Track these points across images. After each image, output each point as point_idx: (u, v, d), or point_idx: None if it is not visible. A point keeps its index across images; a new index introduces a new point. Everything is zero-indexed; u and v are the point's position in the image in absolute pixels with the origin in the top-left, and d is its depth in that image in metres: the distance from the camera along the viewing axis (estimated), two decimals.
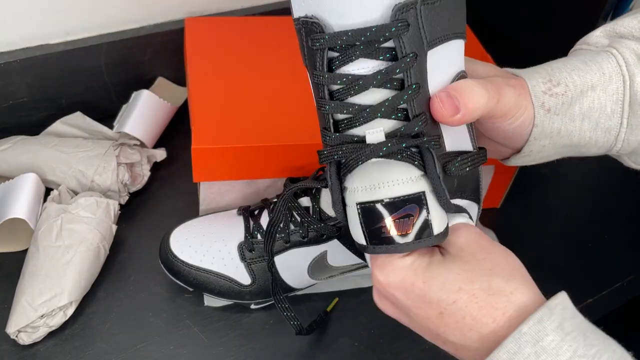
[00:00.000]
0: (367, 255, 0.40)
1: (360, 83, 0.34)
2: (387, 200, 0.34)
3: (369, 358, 0.54)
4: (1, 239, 0.59)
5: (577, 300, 0.36)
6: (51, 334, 0.52)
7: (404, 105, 0.35)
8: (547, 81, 0.40)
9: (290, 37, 0.69)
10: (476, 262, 0.35)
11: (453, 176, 0.38)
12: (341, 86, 0.35)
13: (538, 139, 0.42)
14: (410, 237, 0.35)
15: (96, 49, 0.68)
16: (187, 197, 0.65)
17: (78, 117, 0.70)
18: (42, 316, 0.51)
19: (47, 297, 0.51)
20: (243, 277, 0.54)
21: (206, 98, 0.59)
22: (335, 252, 0.54)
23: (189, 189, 0.66)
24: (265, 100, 0.60)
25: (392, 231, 0.35)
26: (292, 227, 0.54)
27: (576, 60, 0.42)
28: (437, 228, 0.35)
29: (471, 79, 0.37)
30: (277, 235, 0.54)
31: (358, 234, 0.36)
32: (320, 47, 0.34)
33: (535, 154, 0.43)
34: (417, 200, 0.34)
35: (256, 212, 0.56)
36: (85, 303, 0.55)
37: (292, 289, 0.56)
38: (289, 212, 0.54)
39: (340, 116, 0.36)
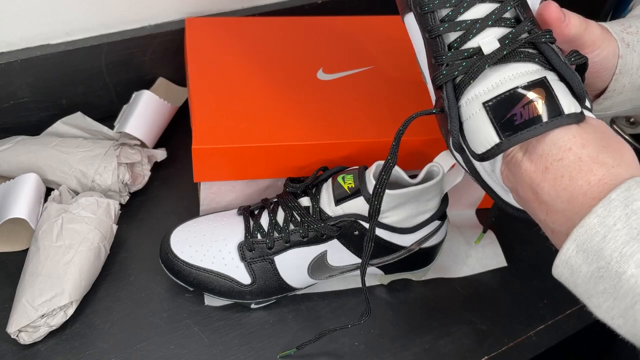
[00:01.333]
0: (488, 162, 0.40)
1: (468, 0, 0.38)
2: (512, 89, 0.36)
3: (369, 358, 0.54)
4: (2, 239, 0.59)
5: (577, 300, 0.36)
6: (52, 334, 0.53)
7: (509, 14, 0.38)
8: (620, 24, 0.46)
9: (290, 37, 0.69)
10: (594, 136, 0.36)
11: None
12: (450, 8, 0.39)
13: (622, 74, 0.45)
14: (543, 118, 0.36)
15: (97, 49, 0.68)
16: (187, 197, 0.66)
17: (79, 117, 0.70)
18: (42, 316, 0.51)
19: (48, 297, 0.51)
20: (243, 276, 0.54)
21: (206, 98, 0.59)
22: (335, 252, 0.54)
23: (189, 189, 0.66)
24: (265, 100, 0.60)
25: (524, 116, 0.36)
26: (292, 227, 0.54)
27: None
28: (568, 108, 0.36)
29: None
30: (277, 235, 0.54)
31: (488, 135, 0.37)
32: None
33: (616, 96, 0.46)
34: (540, 84, 0.36)
35: (256, 212, 0.56)
36: (86, 303, 0.55)
37: (292, 289, 0.56)
38: (289, 212, 0.54)
39: (452, 36, 0.40)
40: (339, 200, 0.52)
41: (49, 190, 0.61)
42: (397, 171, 0.53)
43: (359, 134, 0.58)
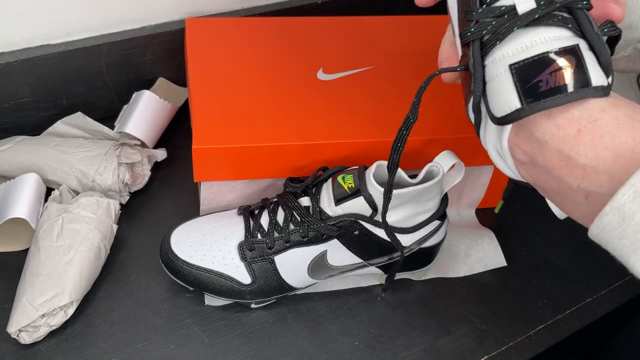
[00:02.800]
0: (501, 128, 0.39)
1: None
2: (541, 54, 0.35)
3: (369, 358, 0.54)
4: (2, 239, 0.59)
5: (577, 300, 0.36)
6: (52, 334, 0.53)
7: None
8: None
9: (290, 37, 0.69)
10: (624, 101, 0.35)
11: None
12: None
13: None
14: (569, 88, 0.34)
15: (97, 50, 0.68)
16: (187, 197, 0.66)
17: (79, 117, 0.70)
18: (43, 315, 0.51)
19: (48, 297, 0.51)
20: (243, 276, 0.54)
21: (206, 98, 0.59)
22: (335, 252, 0.54)
23: (189, 189, 0.66)
24: (265, 100, 0.60)
25: (550, 83, 0.35)
26: (292, 227, 0.54)
27: None
28: (596, 80, 0.35)
29: None
30: (277, 234, 0.54)
31: (509, 99, 0.36)
32: None
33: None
34: (571, 52, 0.35)
35: (256, 212, 0.56)
36: (86, 302, 0.56)
37: (292, 289, 0.56)
38: (289, 212, 0.54)
39: None
40: (339, 200, 0.52)
41: (49, 190, 0.61)
42: (397, 171, 0.53)
43: (359, 134, 0.58)
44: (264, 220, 0.55)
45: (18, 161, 0.62)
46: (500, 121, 0.37)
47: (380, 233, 0.54)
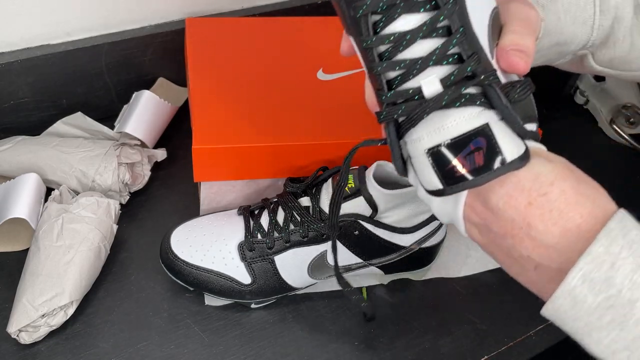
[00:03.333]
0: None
1: (408, 38, 0.35)
2: (453, 139, 0.35)
3: (369, 358, 0.54)
4: (2, 239, 0.59)
5: None
6: (52, 334, 0.53)
7: (453, 50, 0.35)
8: None
9: (290, 37, 0.69)
10: (569, 171, 0.36)
11: (516, 105, 0.37)
12: (389, 45, 0.36)
13: (543, 37, 0.45)
14: (485, 169, 0.35)
15: (97, 50, 0.68)
16: (187, 197, 0.66)
17: (79, 117, 0.70)
18: (43, 315, 0.51)
19: (48, 297, 0.51)
20: (243, 276, 0.54)
21: (206, 98, 0.59)
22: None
23: (189, 189, 0.66)
24: (265, 100, 0.60)
25: (465, 167, 0.35)
26: (292, 227, 0.54)
27: None
28: (511, 155, 0.35)
29: (514, 26, 0.39)
30: (277, 234, 0.54)
31: (432, 181, 0.36)
32: (363, 13, 0.35)
33: (536, 54, 0.45)
34: (482, 133, 0.35)
35: (256, 212, 0.56)
36: (86, 303, 0.55)
37: (292, 289, 0.56)
38: (289, 212, 0.54)
39: (392, 74, 0.37)
40: None
41: (49, 190, 0.61)
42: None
43: (358, 134, 0.58)
44: (264, 220, 0.55)
45: (18, 161, 0.62)
46: (431, 194, 0.37)
47: (381, 233, 0.54)
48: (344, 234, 0.53)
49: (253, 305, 0.57)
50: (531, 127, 0.40)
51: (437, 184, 0.36)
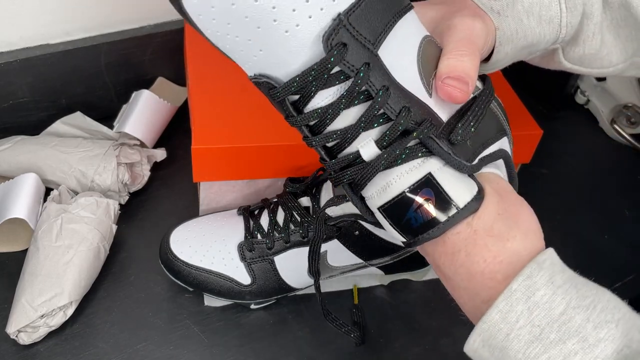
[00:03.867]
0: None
1: (330, 112, 0.34)
2: (399, 194, 0.35)
3: (369, 358, 0.54)
4: (1, 239, 0.59)
5: None
6: (51, 334, 0.52)
7: (380, 112, 0.34)
8: None
9: None
10: (490, 201, 0.35)
11: (464, 142, 0.37)
12: (316, 120, 0.35)
13: (502, 44, 0.43)
14: (440, 219, 0.34)
15: (96, 49, 0.68)
16: (187, 197, 0.66)
17: (78, 117, 0.70)
18: (42, 316, 0.51)
19: (47, 297, 0.51)
20: (243, 277, 0.54)
21: (206, 98, 0.59)
22: (335, 252, 0.54)
23: (189, 189, 0.66)
24: (265, 100, 0.60)
25: (419, 219, 0.35)
26: (292, 227, 0.54)
27: None
28: (462, 200, 0.35)
29: (452, 48, 0.37)
30: (277, 235, 0.54)
31: (394, 233, 0.37)
32: (280, 98, 0.35)
33: (499, 61, 0.45)
34: (427, 183, 0.35)
35: (256, 212, 0.56)
36: (86, 303, 0.55)
37: (292, 289, 0.56)
38: (289, 212, 0.54)
39: (329, 144, 0.36)
40: None
41: (48, 190, 0.61)
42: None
43: None
44: (264, 220, 0.55)
45: (17, 161, 0.62)
46: (403, 245, 0.38)
47: (381, 233, 0.54)
48: (344, 234, 0.53)
49: (253, 306, 0.56)
50: (499, 143, 0.39)
51: (401, 237, 0.37)
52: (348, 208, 0.52)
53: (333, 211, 0.52)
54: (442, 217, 0.34)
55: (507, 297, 0.31)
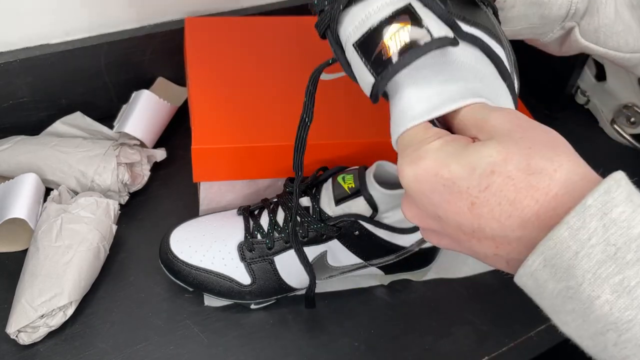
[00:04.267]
0: (395, 146, 0.36)
1: None
2: (376, 23, 0.34)
3: (369, 358, 0.54)
4: (1, 239, 0.59)
5: None
6: (51, 334, 0.52)
7: None
8: None
9: (290, 37, 0.69)
10: (512, 142, 0.31)
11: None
12: None
13: None
14: (411, 45, 0.33)
15: (96, 49, 0.68)
16: (187, 197, 0.65)
17: (78, 117, 0.70)
18: (42, 316, 0.51)
19: (47, 297, 0.51)
20: (243, 277, 0.54)
21: (206, 98, 0.59)
22: (335, 252, 0.54)
23: (189, 189, 0.66)
24: (265, 100, 0.60)
25: (392, 49, 0.33)
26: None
27: None
28: (437, 32, 0.33)
29: None
30: (277, 235, 0.54)
31: (366, 78, 0.35)
32: None
33: (509, 9, 0.44)
34: (405, 11, 0.33)
35: (256, 212, 0.56)
36: (85, 303, 0.55)
37: (292, 289, 0.56)
38: (289, 212, 0.54)
39: None
40: (339, 201, 0.52)
41: (48, 190, 0.61)
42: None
43: (359, 134, 0.58)
44: (264, 220, 0.55)
45: (17, 161, 0.62)
46: (372, 98, 0.36)
47: (381, 233, 0.54)
48: (344, 234, 0.53)
49: (253, 306, 0.56)
50: (476, 32, 0.37)
51: (370, 79, 0.34)
52: (348, 208, 0.52)
53: (333, 211, 0.52)
54: (416, 43, 0.33)
55: (579, 213, 0.28)
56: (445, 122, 0.36)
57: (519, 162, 0.30)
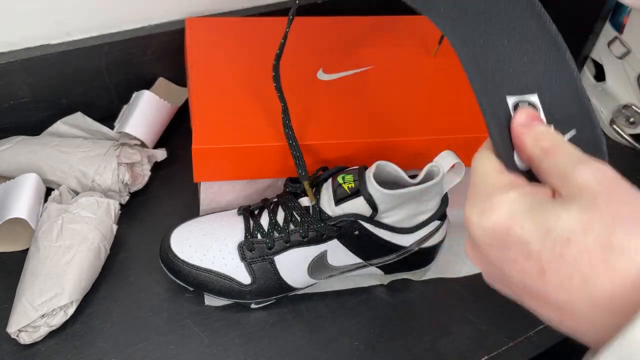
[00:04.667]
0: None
1: None
2: None
3: (369, 358, 0.54)
4: (2, 239, 0.59)
5: None
6: (52, 334, 0.53)
7: None
8: None
9: (290, 37, 0.69)
10: (596, 209, 0.27)
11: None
12: None
13: None
14: None
15: (97, 49, 0.68)
16: (187, 197, 0.66)
17: (79, 117, 0.70)
18: (42, 316, 0.51)
19: (48, 297, 0.51)
20: (243, 276, 0.54)
21: (206, 98, 0.59)
22: (335, 252, 0.54)
23: (189, 189, 0.66)
24: (265, 100, 0.60)
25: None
26: (292, 227, 0.54)
27: None
28: None
29: None
30: (277, 234, 0.54)
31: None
32: None
33: None
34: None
35: (256, 212, 0.56)
36: (86, 303, 0.55)
37: (292, 289, 0.56)
38: (289, 212, 0.54)
39: None
40: (339, 200, 0.52)
41: (49, 190, 0.61)
42: (397, 171, 0.53)
43: (359, 134, 0.58)
44: (264, 220, 0.55)
45: (18, 161, 0.62)
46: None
47: (381, 233, 0.54)
48: (344, 234, 0.53)
49: (253, 306, 0.56)
50: None
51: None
52: (348, 208, 0.52)
53: (333, 211, 0.52)
54: None
55: None
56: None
57: (599, 235, 0.27)
